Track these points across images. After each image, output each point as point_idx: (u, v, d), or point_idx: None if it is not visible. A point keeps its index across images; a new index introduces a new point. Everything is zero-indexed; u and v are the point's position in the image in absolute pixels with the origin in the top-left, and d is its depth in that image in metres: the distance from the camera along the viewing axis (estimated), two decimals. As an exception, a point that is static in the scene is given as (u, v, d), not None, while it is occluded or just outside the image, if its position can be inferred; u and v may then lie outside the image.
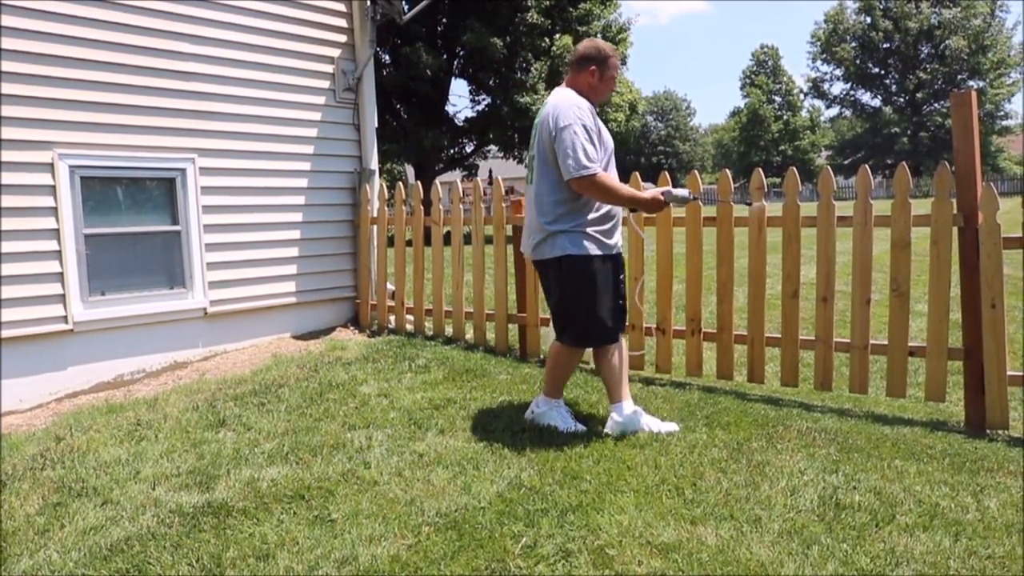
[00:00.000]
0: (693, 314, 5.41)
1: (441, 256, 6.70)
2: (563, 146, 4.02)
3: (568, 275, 4.19)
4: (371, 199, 7.19)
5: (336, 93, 7.19)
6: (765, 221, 5.14)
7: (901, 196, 4.76)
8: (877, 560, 2.93)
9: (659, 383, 5.46)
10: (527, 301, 6.17)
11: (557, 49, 22.94)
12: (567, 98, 4.18)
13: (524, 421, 4.55)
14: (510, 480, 3.70)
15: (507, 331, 6.37)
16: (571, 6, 24.09)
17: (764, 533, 3.15)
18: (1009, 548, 3.00)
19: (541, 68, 22.90)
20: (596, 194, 4.10)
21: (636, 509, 3.36)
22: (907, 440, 4.26)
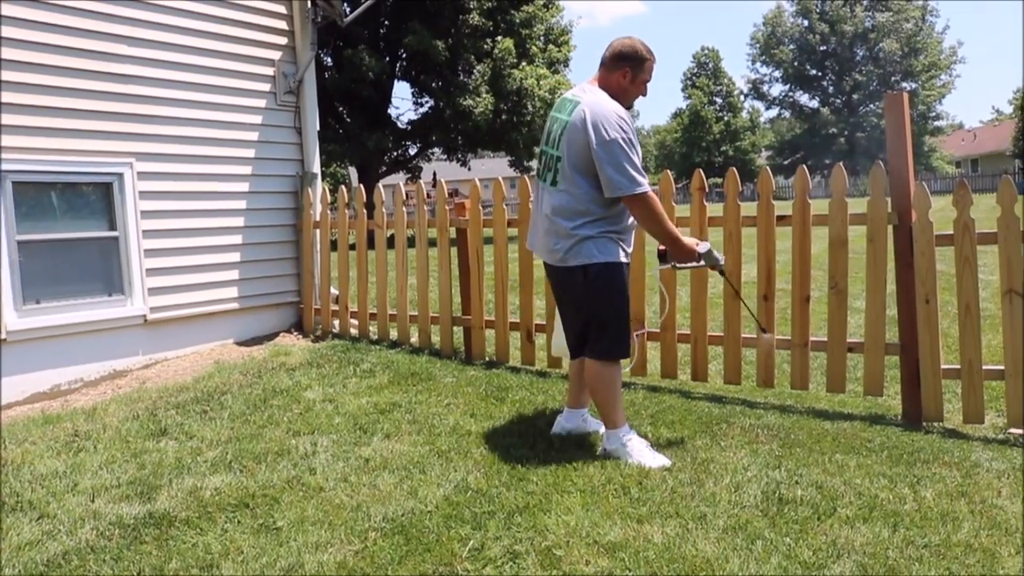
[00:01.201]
0: (637, 314, 5.45)
1: (385, 259, 6.67)
2: (613, 159, 3.73)
3: (595, 283, 3.89)
4: (314, 203, 7.13)
5: (277, 96, 7.12)
6: (706, 221, 5.21)
7: (838, 196, 4.86)
8: (819, 552, 2.98)
9: (604, 383, 5.49)
10: (472, 303, 6.17)
11: (499, 51, 22.99)
12: (604, 103, 3.86)
13: (470, 424, 4.55)
14: (457, 483, 3.69)
15: (452, 334, 6.36)
16: (513, 9, 24.16)
17: (709, 529, 3.19)
18: (944, 536, 3.08)
19: (484, 70, 22.93)
20: (642, 213, 3.85)
21: (583, 509, 3.38)
22: (847, 434, 4.34)
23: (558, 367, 5.85)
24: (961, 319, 4.60)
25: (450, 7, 22.25)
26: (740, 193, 5.14)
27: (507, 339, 6.08)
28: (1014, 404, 4.48)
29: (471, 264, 6.15)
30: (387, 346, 6.57)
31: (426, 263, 6.45)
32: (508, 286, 6.08)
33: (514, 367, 5.97)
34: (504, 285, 6.01)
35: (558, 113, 4.02)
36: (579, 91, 4.01)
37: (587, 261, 3.87)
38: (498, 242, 6.04)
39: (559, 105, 4.06)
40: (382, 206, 6.67)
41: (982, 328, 4.79)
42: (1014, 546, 3.01)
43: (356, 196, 6.83)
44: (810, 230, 4.95)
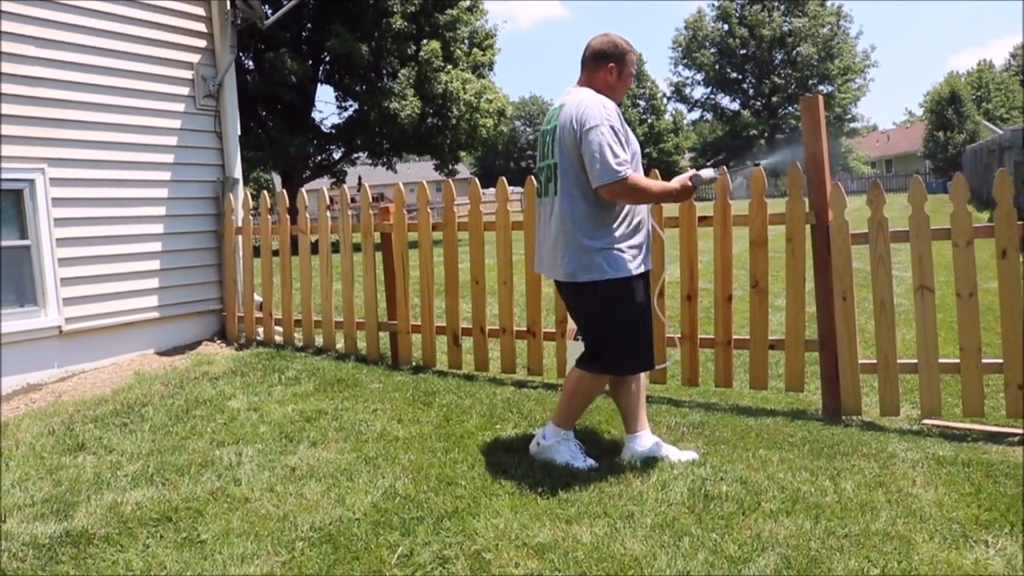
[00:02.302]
0: (562, 316, 5.48)
1: (309, 265, 6.59)
2: (590, 148, 3.61)
3: (603, 299, 3.75)
4: (235, 208, 7.01)
5: (196, 100, 6.98)
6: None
7: (757, 196, 4.96)
8: (744, 547, 3.04)
9: (531, 385, 5.52)
10: (397, 308, 6.14)
11: (424, 54, 22.91)
12: (589, 97, 3.75)
13: (397, 430, 4.52)
14: (385, 490, 3.67)
15: (378, 339, 6.31)
16: (437, 12, 24.11)
17: (637, 528, 3.22)
18: (863, 526, 3.17)
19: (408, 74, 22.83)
20: (628, 198, 3.71)
21: (512, 512, 3.39)
22: (770, 430, 4.43)
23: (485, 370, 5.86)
24: (877, 315, 4.74)
25: (373, 10, 22.10)
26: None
27: (433, 343, 6.07)
28: (927, 396, 4.62)
29: (396, 269, 6.12)
30: (312, 353, 6.49)
31: (351, 268, 6.40)
32: (433, 290, 6.06)
33: (441, 371, 5.96)
34: (429, 289, 6.00)
35: (547, 125, 3.93)
36: (564, 96, 3.92)
37: (597, 277, 3.70)
38: (423, 246, 6.02)
39: (547, 117, 3.98)
40: (305, 211, 6.59)
41: (897, 323, 4.94)
42: (928, 532, 3.11)
43: (279, 201, 6.74)
44: (731, 230, 5.05)
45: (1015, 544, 3.02)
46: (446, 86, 23.27)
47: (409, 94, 22.63)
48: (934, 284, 4.65)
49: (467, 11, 25.39)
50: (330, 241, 6.49)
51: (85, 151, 6.15)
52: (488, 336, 5.84)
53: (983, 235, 4.54)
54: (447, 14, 24.22)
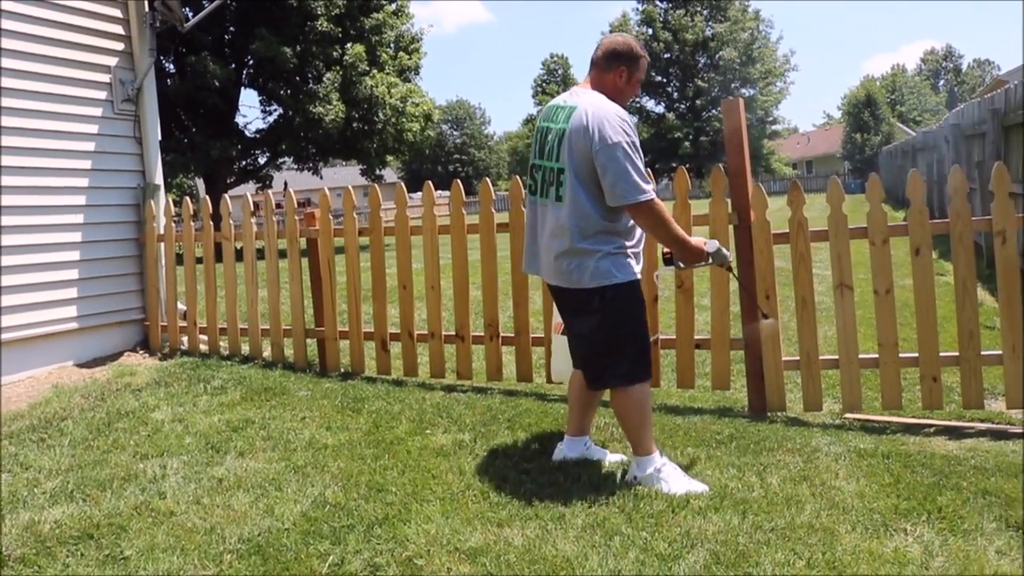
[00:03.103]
0: (491, 319, 5.50)
1: (233, 272, 6.48)
2: (615, 166, 3.44)
3: (613, 305, 3.60)
4: (157, 215, 6.86)
5: (114, 104, 6.82)
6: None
7: (681, 198, 5.03)
8: (674, 544, 3.07)
9: (461, 389, 5.51)
10: (325, 314, 6.07)
11: (349, 58, 22.76)
12: (604, 105, 3.58)
13: (326, 437, 4.47)
14: (314, 498, 3.63)
15: (306, 346, 6.24)
16: (363, 16, 23.97)
17: (568, 529, 3.24)
18: (789, 519, 3.24)
19: (334, 78, 22.65)
20: (648, 222, 3.58)
21: (443, 517, 3.38)
22: (698, 428, 4.50)
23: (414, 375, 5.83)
24: (799, 313, 4.84)
25: (297, 13, 21.88)
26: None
27: (362, 349, 6.02)
28: (848, 391, 4.74)
29: (323, 275, 6.05)
30: (239, 361, 6.38)
31: (276, 275, 6.31)
32: (361, 296, 6.01)
33: (370, 377, 5.91)
34: (357, 295, 5.95)
35: (550, 123, 3.73)
36: (571, 96, 3.74)
37: (604, 283, 3.55)
38: (349, 251, 5.97)
39: (549, 113, 3.77)
40: (229, 217, 6.47)
41: (818, 320, 5.06)
42: (850, 523, 3.20)
43: (202, 207, 6.62)
44: (656, 232, 5.10)
45: (932, 531, 3.12)
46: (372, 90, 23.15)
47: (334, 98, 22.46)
48: (853, 282, 4.78)
49: (393, 15, 25.32)
50: (255, 247, 6.39)
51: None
52: (417, 341, 5.81)
53: (898, 233, 4.68)
54: (373, 18, 24.12)
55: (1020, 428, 4.44)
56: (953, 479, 3.61)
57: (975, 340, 4.53)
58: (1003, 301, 4.52)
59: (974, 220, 4.59)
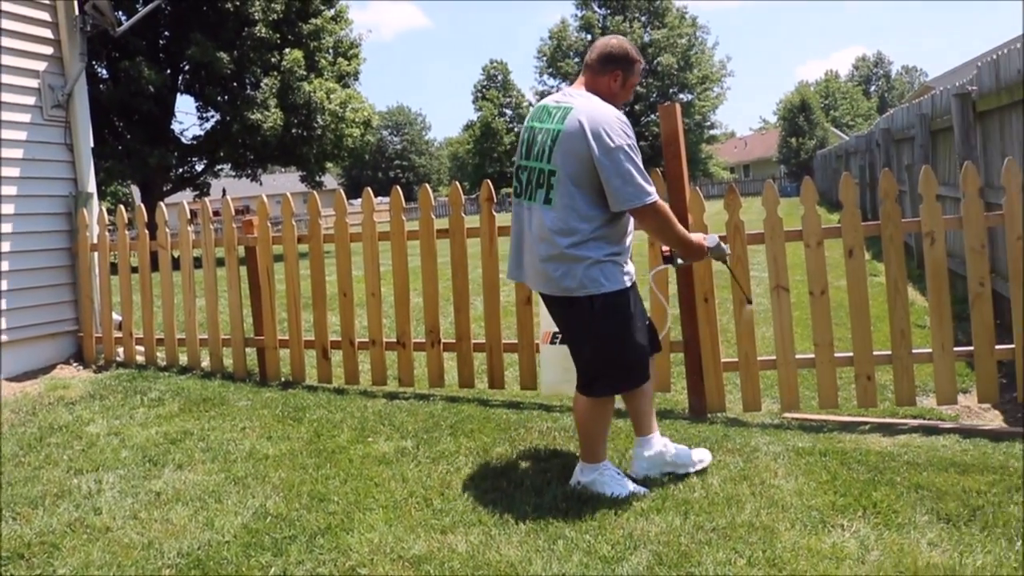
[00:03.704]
0: (432, 326, 5.48)
1: (170, 281, 6.37)
2: (618, 169, 3.36)
3: (602, 314, 3.50)
4: (90, 224, 6.71)
5: (44, 110, 6.65)
6: (496, 231, 5.30)
7: (620, 203, 5.06)
8: (617, 546, 3.10)
9: (403, 396, 5.48)
10: (264, 323, 5.99)
11: (288, 64, 22.53)
12: (602, 108, 3.50)
13: (267, 448, 4.42)
14: (255, 510, 3.58)
15: (245, 355, 6.15)
16: (301, 21, 23.76)
17: (512, 534, 3.25)
18: (730, 519, 3.29)
19: (272, 84, 22.40)
20: (655, 224, 3.54)
21: (386, 525, 3.36)
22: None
23: (356, 383, 5.79)
24: (737, 315, 4.91)
25: (234, 18, 21.60)
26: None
27: (302, 358, 5.95)
28: (786, 390, 4.82)
29: (261, 283, 5.98)
30: (177, 372, 6.27)
31: (214, 283, 6.22)
32: (301, 304, 5.95)
33: (311, 386, 5.85)
34: (296, 303, 5.89)
35: (540, 123, 3.60)
36: (564, 96, 3.64)
37: (593, 291, 3.46)
38: (288, 259, 5.90)
39: (539, 114, 3.66)
40: (165, 226, 6.36)
41: (756, 322, 5.14)
42: (790, 521, 3.25)
43: (137, 216, 6.50)
44: (596, 236, 5.13)
45: (867, 526, 3.19)
46: (310, 96, 22.95)
47: (272, 104, 22.22)
48: (789, 283, 4.86)
49: (331, 20, 25.14)
50: (192, 256, 6.30)
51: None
52: (358, 348, 5.77)
53: (832, 236, 4.77)
54: (311, 23, 23.92)
55: (950, 424, 4.56)
56: (887, 475, 3.69)
57: (907, 339, 4.64)
58: (933, 300, 4.64)
59: (904, 222, 4.70)
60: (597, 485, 3.63)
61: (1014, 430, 4.38)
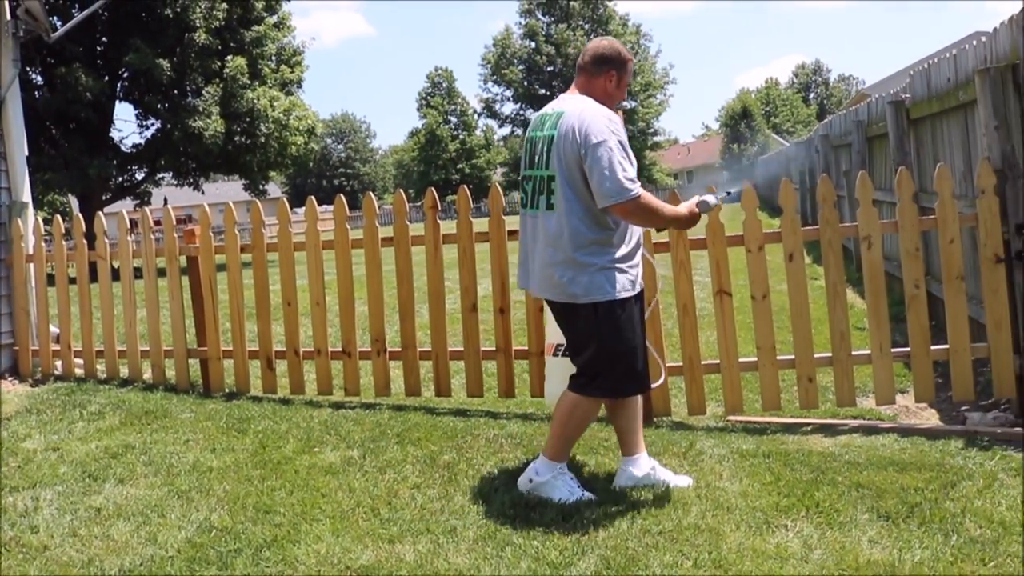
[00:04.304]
0: (377, 334, 5.46)
1: (110, 292, 6.25)
2: (599, 166, 3.36)
3: (605, 322, 3.50)
4: (25, 235, 6.56)
5: (-26, 119, 6.50)
6: (441, 239, 5.30)
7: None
8: (565, 551, 3.11)
9: (349, 406, 5.44)
10: (207, 334, 5.91)
11: (230, 71, 22.26)
12: (590, 107, 3.51)
13: (211, 460, 4.36)
14: (199, 523, 3.53)
15: (188, 367, 6.06)
16: (243, 28, 23.51)
17: (460, 542, 3.25)
18: (676, 522, 3.32)
19: (214, 91, 22.11)
20: (639, 218, 3.52)
21: (333, 536, 3.34)
22: (585, 436, 4.51)
23: (301, 393, 5.73)
24: (680, 319, 4.96)
25: (174, 25, 21.28)
26: (476, 209, 5.28)
27: (246, 368, 5.88)
28: (730, 394, 4.89)
29: (204, 293, 5.89)
30: (118, 385, 6.16)
31: (155, 294, 6.12)
32: (244, 314, 5.88)
33: (256, 397, 5.78)
34: (240, 313, 5.81)
35: (538, 131, 3.65)
36: (558, 102, 3.68)
37: (598, 298, 3.46)
38: (231, 268, 5.83)
39: (538, 122, 3.70)
40: (104, 236, 6.24)
41: (700, 326, 5.19)
42: (735, 522, 3.29)
43: (74, 226, 6.37)
44: (541, 243, 5.15)
45: (810, 525, 3.24)
46: (253, 103, 22.70)
47: (215, 112, 21.93)
48: (731, 288, 4.93)
49: (274, 28, 24.91)
50: (132, 266, 6.19)
51: None
52: (303, 358, 5.72)
53: (772, 240, 4.85)
54: (253, 30, 23.68)
55: (889, 423, 4.66)
56: (829, 475, 3.75)
57: (846, 341, 4.74)
58: (870, 303, 4.74)
59: (842, 226, 4.80)
60: (548, 488, 3.62)
61: (950, 428, 4.48)
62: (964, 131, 5.35)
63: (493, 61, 58.42)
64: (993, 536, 3.09)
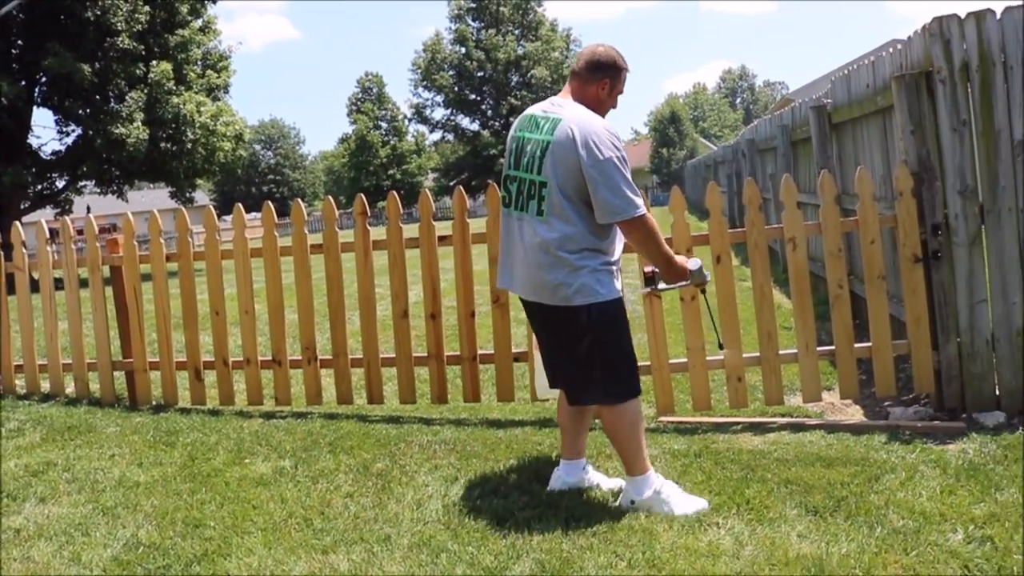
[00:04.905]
0: (308, 343, 5.40)
1: (29, 304, 6.06)
2: (608, 181, 3.34)
3: (600, 322, 3.47)
4: (-62, 246, 6.33)
5: None
6: (371, 246, 5.27)
7: (493, 214, 5.09)
8: (500, 556, 3.12)
9: (280, 416, 5.37)
10: (133, 345, 5.77)
11: (155, 76, 21.79)
12: (591, 119, 3.47)
13: (138, 475, 4.25)
14: (126, 540, 3.45)
15: (113, 380, 5.90)
16: (167, 32, 23.03)
17: (395, 550, 3.23)
18: (610, 523, 3.35)
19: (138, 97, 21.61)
20: (640, 238, 3.50)
21: (265, 548, 3.30)
22: (519, 440, 4.56)
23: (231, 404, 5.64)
24: (612, 322, 4.99)
25: (95, 28, 20.73)
26: (408, 215, 5.26)
27: (174, 380, 5.75)
28: (661, 395, 4.95)
29: (129, 303, 5.75)
30: (38, 400, 5.98)
31: (77, 305, 5.95)
32: (171, 324, 5.76)
33: (184, 408, 5.67)
34: (167, 323, 5.69)
35: (529, 133, 3.57)
36: (551, 106, 3.60)
37: (592, 300, 3.43)
38: (157, 278, 5.71)
39: (526, 123, 3.62)
40: (22, 246, 6.06)
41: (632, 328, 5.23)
42: (667, 522, 3.33)
43: (-10, 237, 6.17)
44: (470, 248, 5.16)
45: (742, 523, 3.30)
46: (179, 109, 22.24)
47: (139, 118, 21.42)
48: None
49: (199, 32, 24.46)
50: (53, 277, 6.01)
51: None
52: (232, 368, 5.62)
53: (701, 243, 4.92)
54: (178, 35, 23.20)
55: (816, 420, 4.76)
56: (759, 472, 3.82)
57: (774, 340, 4.83)
58: (796, 303, 4.84)
59: (768, 228, 4.89)
60: (658, 503, 3.48)
61: (873, 423, 4.60)
62: (883, 135, 5.49)
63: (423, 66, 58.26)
64: (915, 526, 3.18)
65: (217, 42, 26.06)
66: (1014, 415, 4.42)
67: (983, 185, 4.46)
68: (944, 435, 4.28)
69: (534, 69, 55.48)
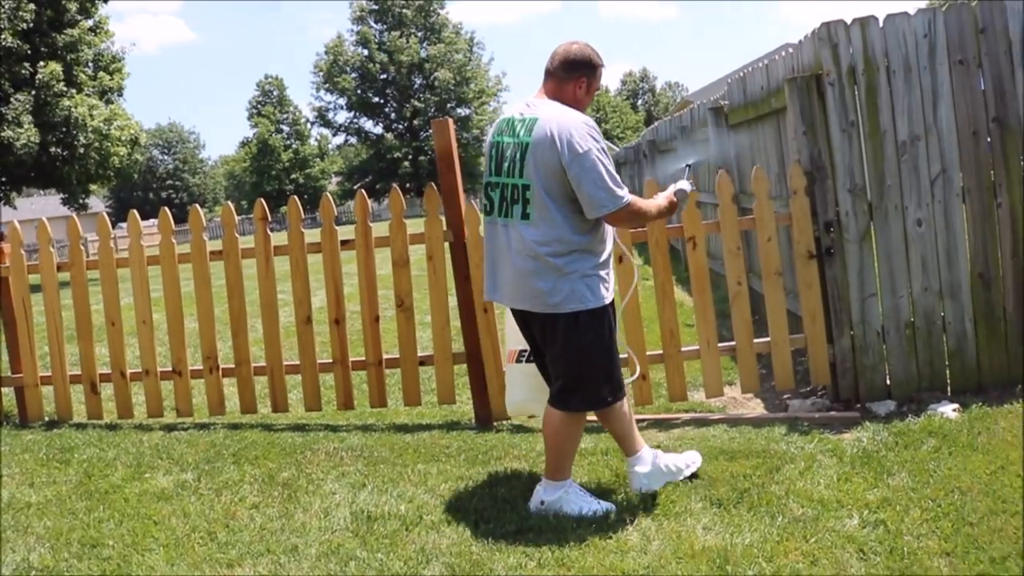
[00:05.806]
0: (209, 351, 5.27)
1: (-91, 319, 5.76)
2: (589, 176, 3.29)
3: (587, 328, 3.43)
4: None
5: None
6: (272, 251, 5.18)
7: (396, 217, 5.07)
8: (410, 561, 3.12)
9: (182, 428, 5.22)
10: (23, 359, 5.53)
11: (44, 77, 20.97)
12: (568, 114, 3.42)
13: (29, 495, 4.09)
14: (16, 565, 3.32)
15: (1, 397, 5.66)
16: (55, 32, 22.19)
17: (302, 560, 3.20)
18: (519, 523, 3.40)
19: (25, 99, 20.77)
20: (630, 223, 3.65)
21: (167, 564, 3.23)
22: (427, 444, 4.55)
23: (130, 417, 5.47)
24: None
25: (-28, 27, 19.88)
26: (311, 219, 5.18)
27: (68, 394, 5.54)
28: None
29: (17, 316, 5.51)
30: (-81, 420, 5.70)
31: (-38, 319, 5.69)
32: (64, 336, 5.55)
33: (80, 424, 5.46)
34: (59, 335, 5.48)
35: (508, 137, 3.50)
36: (528, 108, 3.53)
37: (579, 307, 3.39)
38: (48, 289, 5.48)
39: (504, 127, 3.55)
40: (-101, 258, 5.76)
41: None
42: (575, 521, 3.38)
43: None
44: (373, 252, 5.11)
45: (648, 518, 3.37)
46: (70, 112, 21.45)
47: (26, 121, 20.59)
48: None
49: (90, 32, 23.63)
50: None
51: None
52: (131, 380, 5.44)
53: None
54: (67, 34, 22.36)
55: (718, 415, 4.87)
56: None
57: (676, 338, 4.92)
58: (697, 300, 4.95)
59: (668, 228, 4.98)
60: (563, 504, 3.52)
61: (773, 416, 4.73)
62: (777, 136, 5.66)
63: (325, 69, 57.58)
64: (814, 514, 3.30)
65: (109, 43, 25.21)
66: (903, 403, 4.61)
67: (871, 184, 4.64)
68: (840, 425, 4.43)
69: (437, 71, 55.42)
